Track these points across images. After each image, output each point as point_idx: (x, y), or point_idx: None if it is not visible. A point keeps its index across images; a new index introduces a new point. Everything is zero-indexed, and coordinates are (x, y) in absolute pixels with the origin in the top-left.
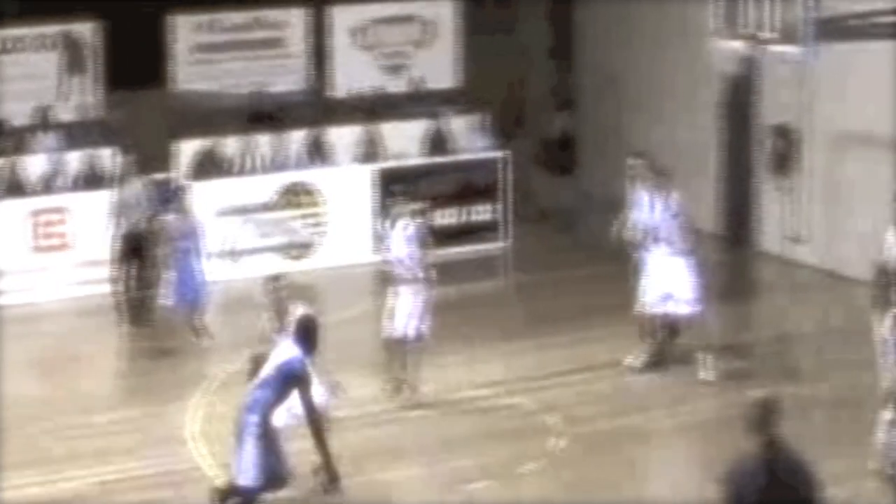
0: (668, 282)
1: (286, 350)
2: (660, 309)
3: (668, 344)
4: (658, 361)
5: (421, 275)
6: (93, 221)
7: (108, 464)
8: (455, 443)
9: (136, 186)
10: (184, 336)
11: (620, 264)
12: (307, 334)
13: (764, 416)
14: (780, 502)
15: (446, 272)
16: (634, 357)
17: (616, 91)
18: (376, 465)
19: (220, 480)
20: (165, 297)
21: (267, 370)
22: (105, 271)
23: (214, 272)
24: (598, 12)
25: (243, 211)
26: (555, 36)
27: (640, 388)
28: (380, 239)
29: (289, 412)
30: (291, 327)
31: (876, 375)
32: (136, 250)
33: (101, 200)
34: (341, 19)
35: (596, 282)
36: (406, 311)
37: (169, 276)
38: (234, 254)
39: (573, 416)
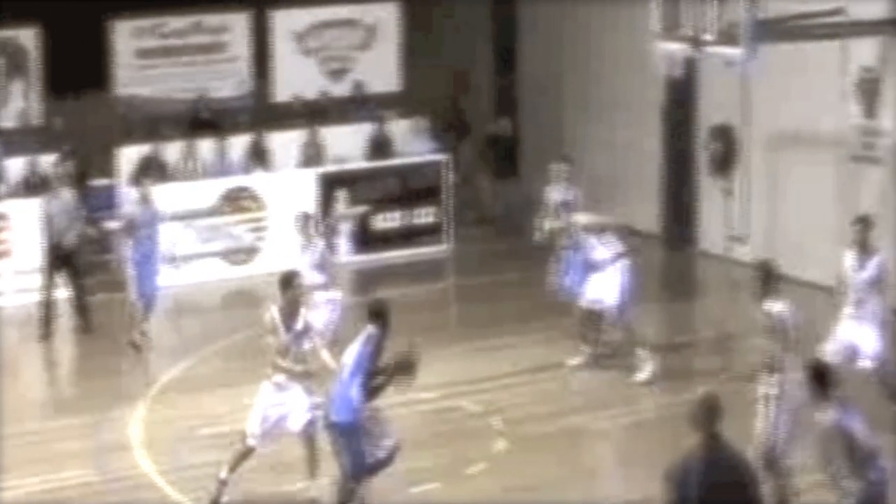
0: (603, 281)
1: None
2: (595, 306)
3: (602, 341)
4: (599, 361)
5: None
6: (33, 229)
7: (53, 471)
8: (401, 446)
9: (67, 195)
10: (128, 342)
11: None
12: (382, 316)
13: (706, 414)
14: (722, 498)
15: (389, 275)
16: (576, 357)
17: (558, 94)
18: (321, 470)
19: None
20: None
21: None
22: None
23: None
24: (540, 15)
25: (185, 216)
26: (498, 39)
27: (582, 389)
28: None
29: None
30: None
31: None
32: (65, 260)
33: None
34: (283, 24)
35: (537, 284)
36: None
37: (131, 273)
38: (175, 259)
39: (517, 418)
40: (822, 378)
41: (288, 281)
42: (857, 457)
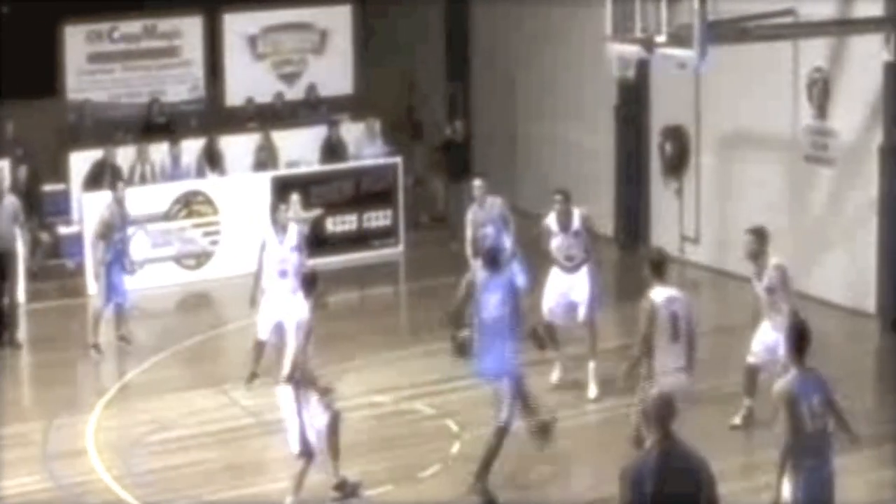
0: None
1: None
2: (557, 319)
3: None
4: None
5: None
6: None
7: (6, 478)
8: (354, 449)
9: (10, 201)
10: (83, 347)
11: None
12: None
13: (660, 413)
14: (675, 496)
15: (343, 278)
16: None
17: (511, 96)
18: (275, 474)
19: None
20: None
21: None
22: None
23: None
24: (493, 18)
25: (139, 221)
26: (450, 42)
27: (535, 391)
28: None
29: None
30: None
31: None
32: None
33: None
34: (236, 27)
35: None
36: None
37: (101, 277)
38: (129, 264)
39: (470, 420)
40: None
41: (312, 281)
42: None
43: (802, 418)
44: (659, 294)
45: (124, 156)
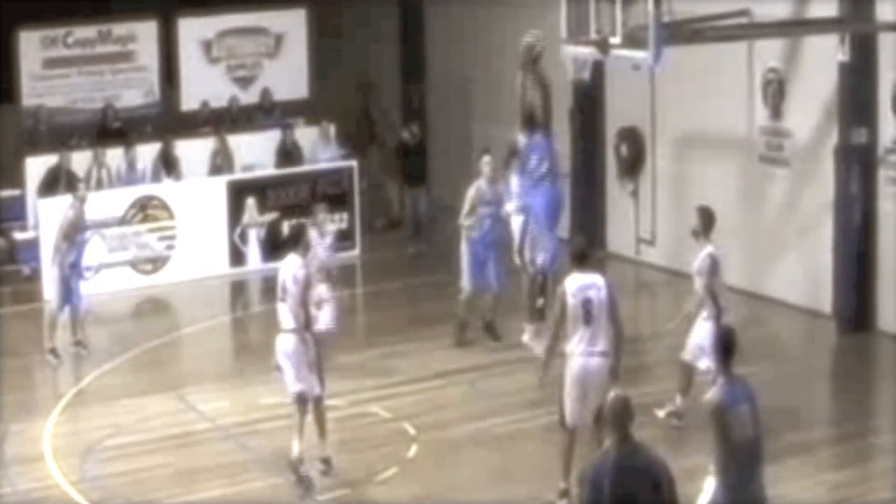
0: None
1: None
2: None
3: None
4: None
5: None
6: None
7: None
8: (311, 452)
9: None
10: (39, 352)
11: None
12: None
13: (617, 415)
14: (634, 497)
15: None
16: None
17: (467, 99)
18: (231, 478)
19: None
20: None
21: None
22: None
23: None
24: (448, 22)
25: (94, 226)
26: (405, 45)
27: (491, 393)
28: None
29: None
30: None
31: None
32: None
33: None
34: (191, 32)
35: (444, 289)
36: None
37: (59, 280)
38: (85, 269)
39: (427, 423)
40: None
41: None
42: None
43: (730, 428)
44: (573, 281)
45: (80, 161)
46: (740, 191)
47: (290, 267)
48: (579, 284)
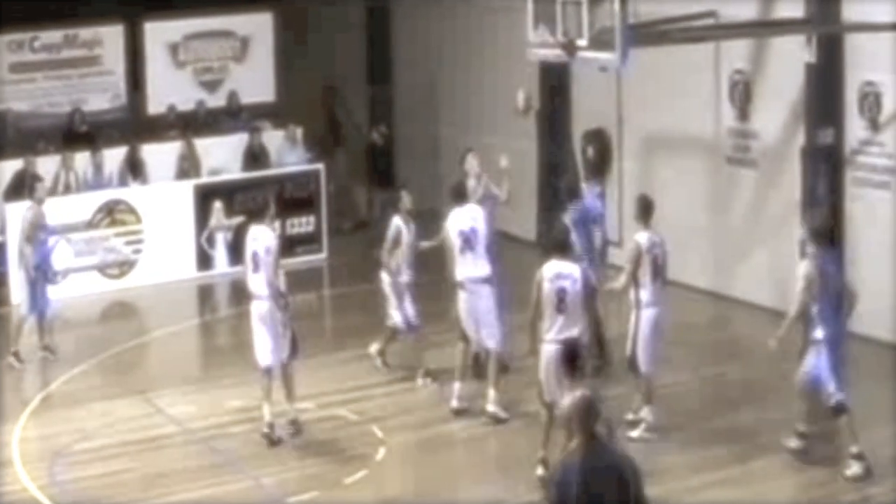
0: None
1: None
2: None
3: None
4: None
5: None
6: None
7: None
8: (279, 456)
9: None
10: (5, 357)
11: (433, 274)
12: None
13: (582, 415)
14: (601, 497)
15: None
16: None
17: (434, 102)
18: (200, 482)
19: None
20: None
21: None
22: None
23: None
24: (415, 24)
25: (62, 230)
26: (372, 48)
27: (459, 395)
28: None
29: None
30: None
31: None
32: None
33: None
34: (157, 35)
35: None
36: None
37: (26, 283)
38: (51, 274)
39: (394, 426)
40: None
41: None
42: None
43: None
44: (550, 268)
45: (48, 165)
46: (707, 192)
47: (260, 237)
48: (556, 272)
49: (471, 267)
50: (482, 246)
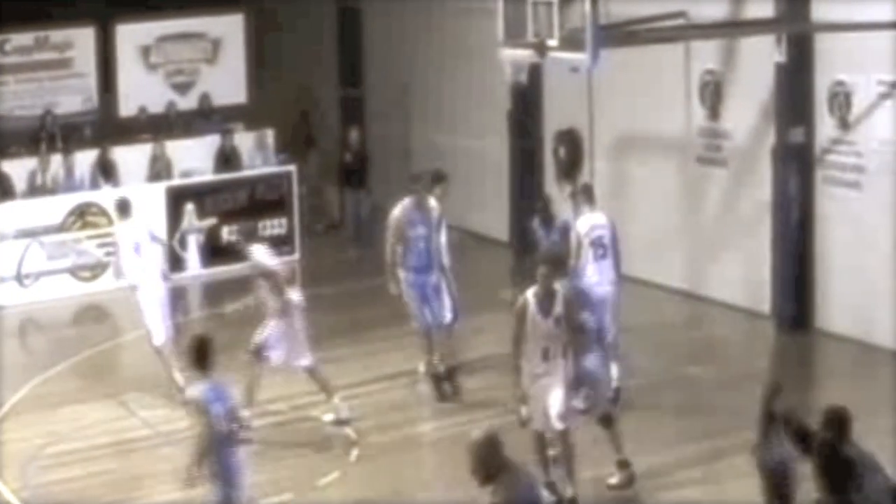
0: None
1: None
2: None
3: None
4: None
5: None
6: None
7: None
8: (252, 458)
9: None
10: None
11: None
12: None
13: (489, 453)
14: None
15: (239, 287)
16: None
17: (405, 104)
18: (173, 484)
19: None
20: None
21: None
22: None
23: (2, 297)
24: (386, 24)
25: (32, 233)
26: (343, 50)
27: (431, 397)
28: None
29: None
30: None
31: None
32: None
33: None
34: (128, 38)
35: (383, 292)
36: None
37: None
38: (22, 277)
39: (368, 427)
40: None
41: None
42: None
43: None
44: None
45: (20, 168)
46: (679, 192)
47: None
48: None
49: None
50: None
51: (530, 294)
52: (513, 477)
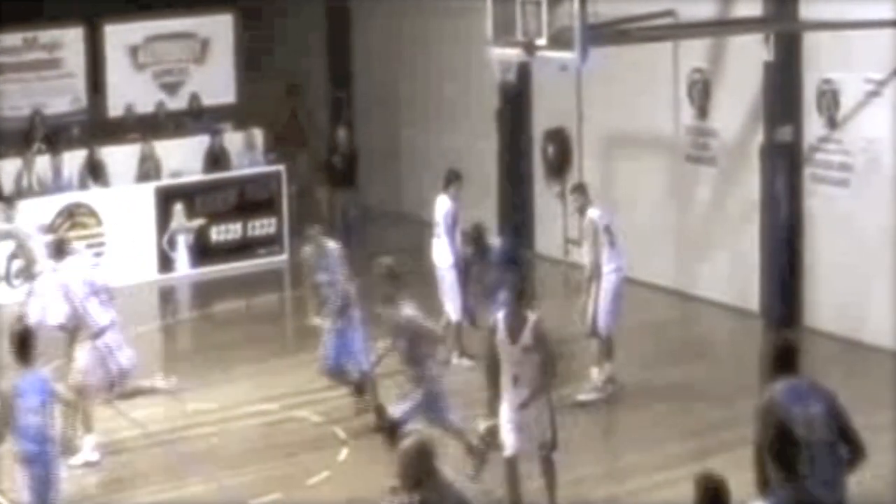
0: None
1: None
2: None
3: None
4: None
5: None
6: None
7: None
8: (242, 458)
9: None
10: None
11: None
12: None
13: (419, 461)
14: None
15: (228, 287)
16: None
17: (394, 103)
18: (162, 484)
19: None
20: None
21: None
22: None
23: None
24: (375, 23)
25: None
26: (332, 50)
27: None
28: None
29: None
30: None
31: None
32: None
33: None
34: (117, 38)
35: (373, 291)
36: None
37: None
38: (10, 278)
39: (357, 427)
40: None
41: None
42: None
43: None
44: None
45: (8, 168)
46: (667, 190)
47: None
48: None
49: None
50: None
51: (500, 318)
52: (440, 486)
